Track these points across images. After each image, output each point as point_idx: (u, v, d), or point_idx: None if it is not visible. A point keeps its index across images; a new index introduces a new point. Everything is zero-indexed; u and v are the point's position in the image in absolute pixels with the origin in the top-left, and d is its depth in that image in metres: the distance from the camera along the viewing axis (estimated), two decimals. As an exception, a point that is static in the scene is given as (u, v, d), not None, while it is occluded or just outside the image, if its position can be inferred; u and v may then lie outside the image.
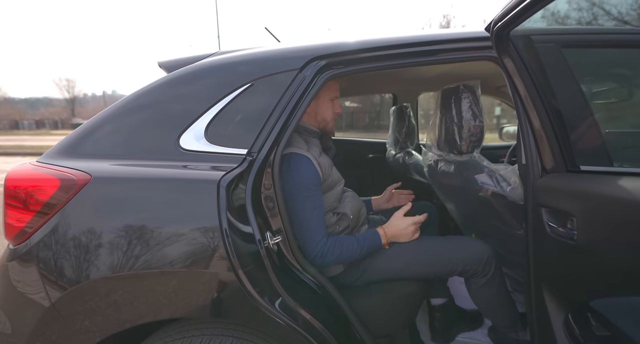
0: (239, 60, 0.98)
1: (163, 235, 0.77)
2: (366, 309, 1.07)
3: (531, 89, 0.78)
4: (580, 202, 0.66)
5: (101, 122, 0.91)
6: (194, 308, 0.79)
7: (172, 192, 0.81)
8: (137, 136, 0.89)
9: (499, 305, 1.18)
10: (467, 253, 1.13)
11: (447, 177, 1.31)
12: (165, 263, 0.77)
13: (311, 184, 1.02)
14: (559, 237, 0.71)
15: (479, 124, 1.19)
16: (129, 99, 0.93)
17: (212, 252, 0.78)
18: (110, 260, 0.76)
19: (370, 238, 1.08)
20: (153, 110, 0.91)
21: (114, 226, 0.77)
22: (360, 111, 15.86)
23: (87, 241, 0.76)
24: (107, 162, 0.85)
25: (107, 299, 0.77)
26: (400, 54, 1.00)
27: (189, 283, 0.79)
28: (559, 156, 0.78)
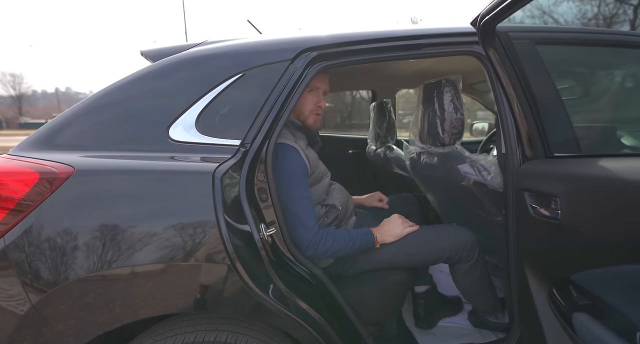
0: (230, 50, 0.96)
1: (158, 229, 0.75)
2: (358, 299, 1.09)
3: (514, 81, 0.83)
4: (563, 183, 0.71)
5: (84, 112, 0.86)
6: (191, 302, 0.77)
7: (165, 184, 0.78)
8: (123, 127, 0.85)
9: (481, 290, 1.24)
10: (452, 241, 1.18)
11: (430, 169, 1.36)
12: (162, 258, 0.74)
13: (299, 174, 1.02)
14: (542, 217, 0.77)
15: (460, 116, 1.24)
16: (114, 87, 0.88)
17: (208, 244, 0.76)
18: (101, 257, 0.72)
19: (364, 236, 1.09)
20: (140, 99, 0.87)
21: (103, 222, 0.73)
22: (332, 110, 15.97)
23: (74, 239, 0.71)
24: (91, 154, 0.80)
25: (99, 298, 0.73)
26: (389, 47, 1.02)
27: (186, 277, 0.77)
28: (538, 144, 0.83)
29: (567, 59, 1.21)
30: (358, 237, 1.08)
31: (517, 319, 0.99)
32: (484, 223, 1.30)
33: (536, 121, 0.83)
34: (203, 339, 0.82)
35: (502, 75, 0.85)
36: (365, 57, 1.03)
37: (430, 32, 1.04)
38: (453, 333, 1.36)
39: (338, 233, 1.06)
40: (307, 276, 0.98)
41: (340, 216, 1.20)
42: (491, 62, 0.86)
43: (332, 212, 1.18)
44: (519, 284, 0.94)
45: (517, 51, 0.89)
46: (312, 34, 1.00)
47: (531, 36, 1.04)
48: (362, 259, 1.17)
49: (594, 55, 1.25)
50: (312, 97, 1.15)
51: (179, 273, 0.76)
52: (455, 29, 1.03)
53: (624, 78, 1.37)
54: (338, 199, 1.19)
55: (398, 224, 1.14)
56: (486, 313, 1.33)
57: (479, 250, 1.19)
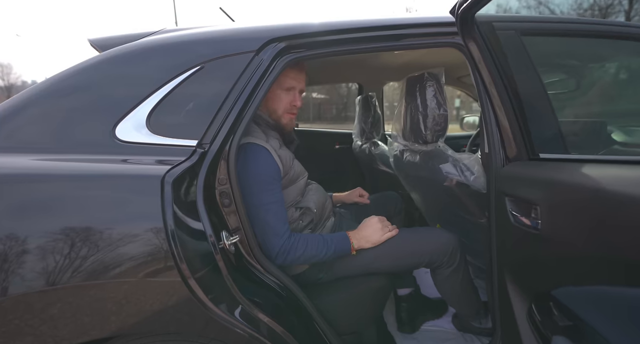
0: (188, 40, 0.87)
1: (96, 242, 0.67)
2: (332, 307, 1.03)
3: (495, 75, 0.76)
4: (543, 191, 0.65)
5: (18, 108, 0.77)
6: (140, 322, 0.70)
7: (105, 191, 0.70)
8: (62, 125, 0.77)
9: (462, 295, 1.19)
10: (433, 245, 1.12)
11: (412, 168, 1.29)
12: (102, 274, 0.66)
13: (269, 177, 0.94)
14: (522, 226, 0.70)
15: (443, 112, 1.17)
16: (55, 80, 0.79)
17: (157, 258, 0.69)
18: (32, 273, 0.64)
19: (339, 241, 1.01)
20: (82, 94, 0.79)
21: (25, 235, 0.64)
22: (327, 102, 15.83)
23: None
24: (19, 157, 0.72)
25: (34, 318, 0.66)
26: (364, 38, 0.94)
27: (132, 295, 0.69)
28: (521, 144, 0.77)
29: (556, 51, 1.14)
30: (332, 244, 1.00)
31: (500, 326, 0.94)
32: (468, 225, 1.24)
33: (518, 119, 0.76)
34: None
35: (482, 68, 0.78)
36: (340, 49, 0.95)
37: (408, 21, 0.96)
38: (436, 337, 1.31)
39: (311, 239, 0.98)
40: (275, 287, 0.91)
41: (316, 218, 1.13)
42: (471, 54, 0.79)
43: (307, 215, 1.11)
44: (499, 294, 0.88)
45: (499, 43, 0.82)
46: (280, 23, 0.92)
47: (516, 26, 0.96)
48: (337, 265, 1.10)
49: (584, 47, 1.18)
50: (287, 97, 1.06)
51: (123, 291, 0.69)
52: (436, 19, 0.95)
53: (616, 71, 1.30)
54: (314, 201, 1.12)
55: (377, 229, 1.07)
56: (469, 317, 1.28)
57: (460, 255, 1.13)
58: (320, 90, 15.68)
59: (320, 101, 17.03)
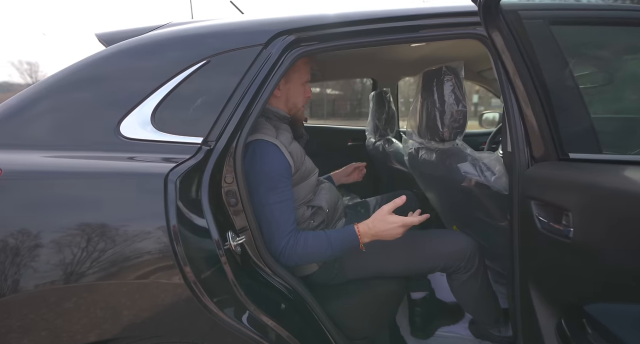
0: (193, 34, 0.84)
1: (102, 242, 0.65)
2: (343, 311, 0.99)
3: (521, 67, 0.70)
4: (578, 195, 0.58)
5: (24, 104, 0.76)
6: (141, 325, 0.68)
7: (107, 189, 0.68)
8: (67, 122, 0.75)
9: (481, 301, 1.13)
10: (449, 249, 1.06)
11: (428, 166, 1.23)
12: (102, 275, 0.65)
13: (278, 174, 0.90)
14: (551, 234, 0.64)
15: (461, 109, 1.11)
16: (60, 76, 0.78)
17: (159, 259, 0.67)
18: (32, 273, 0.63)
19: (344, 238, 0.91)
20: (87, 90, 0.77)
21: (31, 233, 0.63)
22: (341, 98, 15.71)
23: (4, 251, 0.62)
24: (28, 153, 0.71)
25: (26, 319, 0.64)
26: (378, 29, 0.89)
27: (134, 296, 0.67)
28: (550, 143, 0.70)
29: (589, 42, 1.05)
30: (338, 242, 0.91)
31: (522, 336, 0.87)
32: (488, 228, 1.17)
33: (547, 115, 0.70)
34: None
35: (506, 60, 0.72)
36: (352, 42, 0.90)
37: (425, 11, 0.90)
38: (451, 343, 1.26)
39: (312, 236, 0.91)
40: (283, 289, 0.88)
41: (328, 218, 1.09)
42: (495, 46, 0.73)
43: (319, 214, 1.06)
44: (522, 302, 0.82)
45: (526, 33, 0.75)
46: (289, 15, 0.88)
47: (545, 15, 0.88)
48: (349, 267, 1.06)
49: (620, 36, 1.09)
50: (304, 90, 1.05)
51: (124, 293, 0.67)
52: (456, 8, 0.89)
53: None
54: (326, 200, 1.08)
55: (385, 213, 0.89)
56: (488, 325, 1.22)
57: (479, 259, 1.07)
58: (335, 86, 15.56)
59: (334, 97, 16.92)
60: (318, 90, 17.43)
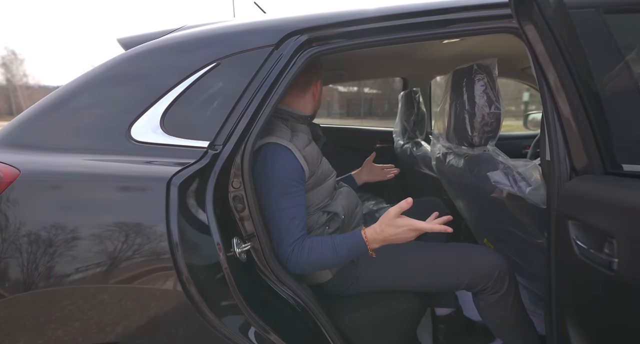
0: (204, 36, 0.83)
1: (103, 244, 0.66)
2: (354, 326, 0.94)
3: (560, 64, 0.60)
4: (626, 219, 0.48)
5: (46, 107, 0.79)
6: (140, 332, 0.68)
7: (114, 192, 0.69)
8: (82, 125, 0.77)
9: (512, 326, 1.01)
10: (474, 265, 0.96)
11: (455, 173, 1.13)
12: (104, 279, 0.65)
13: (289, 179, 0.86)
14: (590, 262, 0.54)
15: (495, 111, 1.00)
16: (77, 81, 0.81)
17: (158, 266, 0.66)
18: (38, 273, 0.65)
19: (351, 243, 0.84)
20: (101, 94, 0.79)
21: (45, 233, 0.65)
22: (379, 97, 15.42)
23: (13, 251, 0.65)
24: (46, 156, 0.74)
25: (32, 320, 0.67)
26: (399, 26, 0.83)
27: (134, 303, 0.67)
28: (595, 153, 0.59)
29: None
30: (344, 248, 0.84)
31: None
32: (523, 245, 1.05)
33: (591, 120, 0.59)
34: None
35: (541, 57, 0.62)
36: (370, 40, 0.84)
37: (451, 4, 0.81)
38: (478, 368, 1.15)
39: (317, 241, 0.86)
40: (290, 301, 0.84)
41: (344, 225, 1.03)
42: (529, 40, 0.63)
43: (335, 221, 1.01)
44: (560, 334, 0.71)
45: (569, 24, 0.64)
46: (301, 14, 0.84)
47: (597, 2, 0.76)
48: (364, 278, 1.00)
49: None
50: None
51: (123, 299, 0.67)
52: (485, 0, 0.79)
53: None
54: (342, 206, 1.03)
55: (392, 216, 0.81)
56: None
57: (510, 280, 0.96)
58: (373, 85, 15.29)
59: (372, 96, 16.65)
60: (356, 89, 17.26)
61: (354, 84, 15.82)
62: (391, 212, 0.82)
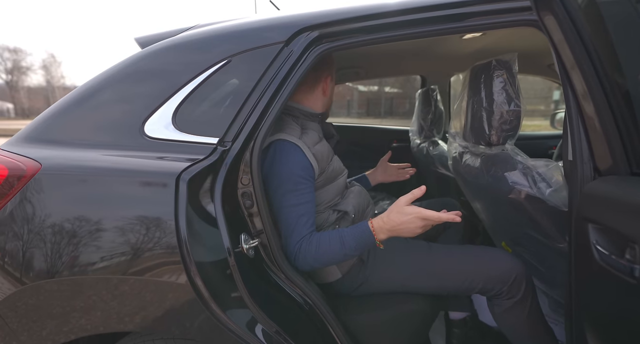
0: (215, 34, 0.84)
1: (115, 236, 0.68)
2: (362, 327, 0.93)
3: (583, 59, 0.56)
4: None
5: (67, 105, 0.83)
6: (149, 322, 0.70)
7: (126, 186, 0.71)
8: (99, 121, 0.80)
9: (529, 334, 0.97)
10: (489, 269, 0.93)
11: (472, 173, 1.09)
12: (114, 269, 0.67)
13: (297, 176, 0.86)
14: (611, 268, 0.50)
15: (514, 109, 0.95)
16: (95, 80, 0.84)
17: (167, 259, 0.67)
18: (52, 262, 0.68)
19: (357, 234, 0.82)
20: (117, 91, 0.81)
21: (64, 224, 0.68)
22: (400, 96, 15.18)
23: (34, 239, 0.69)
24: (66, 150, 0.77)
25: (46, 307, 0.70)
26: (411, 21, 0.80)
27: (151, 294, 0.69)
28: (620, 153, 0.55)
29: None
30: (352, 241, 0.82)
31: None
32: (543, 249, 1.00)
33: (616, 118, 0.55)
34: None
35: (563, 51, 0.58)
36: (382, 36, 0.82)
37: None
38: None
39: (325, 236, 0.85)
40: (297, 298, 0.84)
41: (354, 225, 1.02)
42: (549, 34, 0.60)
43: (345, 219, 1.00)
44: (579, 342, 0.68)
45: (595, 16, 0.60)
46: (311, 10, 0.83)
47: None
48: (374, 277, 0.99)
49: None
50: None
51: (132, 289, 0.69)
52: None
53: None
54: (352, 205, 1.01)
55: (402, 204, 0.79)
56: None
57: (527, 286, 0.92)
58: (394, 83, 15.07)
59: (392, 95, 16.41)
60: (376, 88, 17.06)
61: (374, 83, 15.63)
62: (402, 199, 0.79)
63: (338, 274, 0.99)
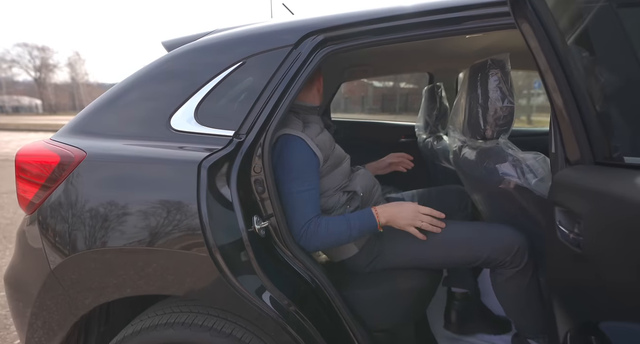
0: (232, 38, 0.95)
1: (147, 213, 0.80)
2: (363, 301, 1.02)
3: (552, 60, 0.63)
4: (589, 201, 0.52)
5: (104, 102, 0.95)
6: (177, 287, 0.82)
7: (155, 172, 0.83)
8: (132, 116, 0.92)
9: (525, 304, 1.04)
10: (494, 239, 1.00)
11: (468, 166, 1.16)
12: (147, 241, 0.79)
13: (303, 164, 0.97)
14: (566, 242, 0.58)
15: (507, 105, 1.02)
16: (128, 80, 0.96)
17: (191, 235, 0.79)
18: (98, 234, 0.80)
19: (362, 218, 0.97)
20: (147, 89, 0.93)
21: (104, 203, 0.81)
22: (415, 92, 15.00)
23: (81, 215, 0.81)
24: (105, 141, 0.89)
25: (95, 271, 0.83)
26: (407, 25, 0.88)
27: (172, 262, 0.81)
28: (585, 145, 0.62)
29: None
30: (357, 223, 0.96)
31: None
32: (534, 236, 1.07)
33: (582, 114, 0.62)
34: (192, 322, 0.86)
35: (536, 54, 0.65)
36: (382, 38, 0.91)
37: (462, 3, 0.85)
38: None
39: (332, 220, 0.97)
40: (302, 274, 0.94)
41: (363, 204, 1.11)
42: (525, 37, 0.67)
43: (354, 199, 1.10)
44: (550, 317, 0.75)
45: (568, 21, 0.67)
46: (318, 15, 0.92)
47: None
48: (388, 252, 1.08)
49: None
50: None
51: (162, 258, 0.81)
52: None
53: None
54: (361, 185, 1.11)
55: (409, 210, 0.96)
56: (530, 334, 1.11)
57: (529, 257, 0.99)
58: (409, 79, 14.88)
59: (408, 91, 16.22)
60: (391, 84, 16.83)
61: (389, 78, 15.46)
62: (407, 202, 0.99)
63: (355, 249, 1.08)
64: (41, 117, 31.71)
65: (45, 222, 0.85)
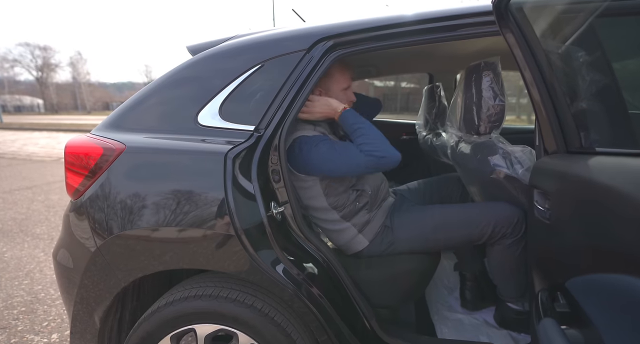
0: (252, 43, 1.06)
1: (180, 198, 0.91)
2: (367, 281, 1.13)
3: (531, 64, 0.74)
4: (555, 181, 0.63)
5: (139, 100, 1.07)
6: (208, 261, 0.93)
7: (187, 161, 0.94)
8: (164, 113, 1.04)
9: (511, 271, 1.17)
10: (497, 213, 1.12)
11: (463, 159, 1.28)
12: (181, 222, 0.91)
13: (325, 144, 1.07)
14: (541, 217, 0.70)
15: (499, 103, 1.13)
16: (160, 80, 1.07)
17: (218, 217, 0.90)
18: (139, 216, 0.92)
19: (348, 117, 1.13)
20: (177, 89, 1.05)
21: (143, 189, 0.93)
22: (416, 91, 15.07)
23: (122, 200, 0.93)
24: (141, 135, 1.01)
25: (135, 249, 0.94)
26: (405, 32, 0.99)
27: (201, 240, 0.92)
28: (559, 137, 0.74)
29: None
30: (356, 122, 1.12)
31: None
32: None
33: (556, 109, 0.73)
34: (218, 294, 0.97)
35: (519, 59, 0.77)
36: (385, 43, 1.02)
37: (458, 12, 0.96)
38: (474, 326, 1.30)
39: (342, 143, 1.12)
40: (313, 253, 1.06)
41: (371, 200, 1.20)
42: (509, 45, 0.78)
43: (363, 196, 1.19)
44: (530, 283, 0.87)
45: (548, 29, 0.78)
46: (329, 23, 1.03)
47: (587, 7, 0.88)
48: (401, 237, 1.17)
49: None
50: (346, 95, 1.22)
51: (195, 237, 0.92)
52: (481, 8, 0.94)
53: None
54: (368, 184, 1.21)
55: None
56: (512, 298, 1.23)
57: (525, 226, 1.10)
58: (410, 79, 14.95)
59: (409, 91, 16.27)
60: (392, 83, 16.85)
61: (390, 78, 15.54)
62: None
63: (365, 242, 1.18)
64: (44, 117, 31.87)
65: (91, 207, 0.96)
